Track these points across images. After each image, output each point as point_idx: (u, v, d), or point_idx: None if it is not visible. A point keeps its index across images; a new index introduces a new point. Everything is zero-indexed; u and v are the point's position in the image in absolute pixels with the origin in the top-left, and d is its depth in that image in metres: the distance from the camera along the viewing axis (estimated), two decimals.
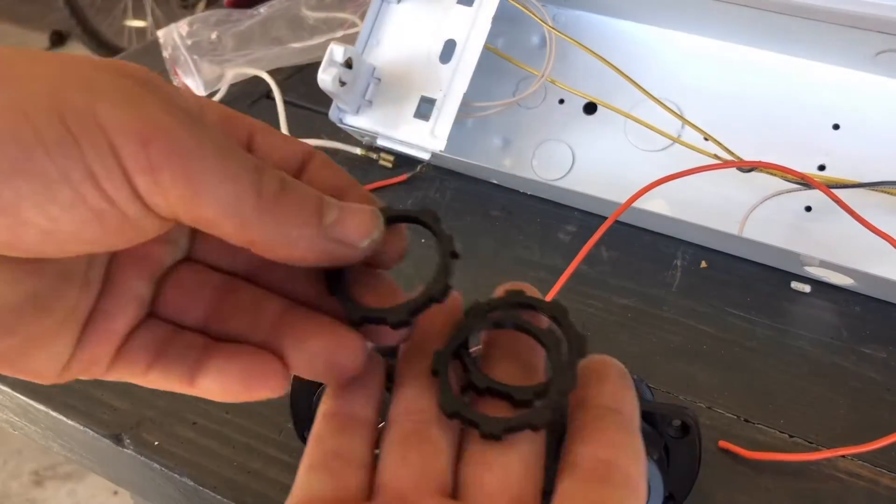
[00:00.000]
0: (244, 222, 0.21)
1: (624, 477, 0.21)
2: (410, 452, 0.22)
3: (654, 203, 0.56)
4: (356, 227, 0.23)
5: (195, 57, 0.69)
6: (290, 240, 0.22)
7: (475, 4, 0.57)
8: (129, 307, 0.24)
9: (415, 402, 0.23)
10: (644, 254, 0.55)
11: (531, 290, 0.25)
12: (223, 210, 0.20)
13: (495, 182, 0.61)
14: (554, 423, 0.22)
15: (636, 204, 0.48)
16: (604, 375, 0.23)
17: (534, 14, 0.57)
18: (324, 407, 0.24)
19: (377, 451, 0.23)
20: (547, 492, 0.21)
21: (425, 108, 0.57)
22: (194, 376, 0.23)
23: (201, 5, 2.44)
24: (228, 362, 0.23)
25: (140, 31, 2.59)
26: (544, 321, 0.24)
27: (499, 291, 0.25)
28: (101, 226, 0.20)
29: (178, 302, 0.25)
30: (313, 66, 0.59)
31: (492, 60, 0.59)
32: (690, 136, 0.54)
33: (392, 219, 0.24)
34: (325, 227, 0.22)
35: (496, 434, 0.22)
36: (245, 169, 0.21)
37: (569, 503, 0.20)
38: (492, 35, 0.56)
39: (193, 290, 0.25)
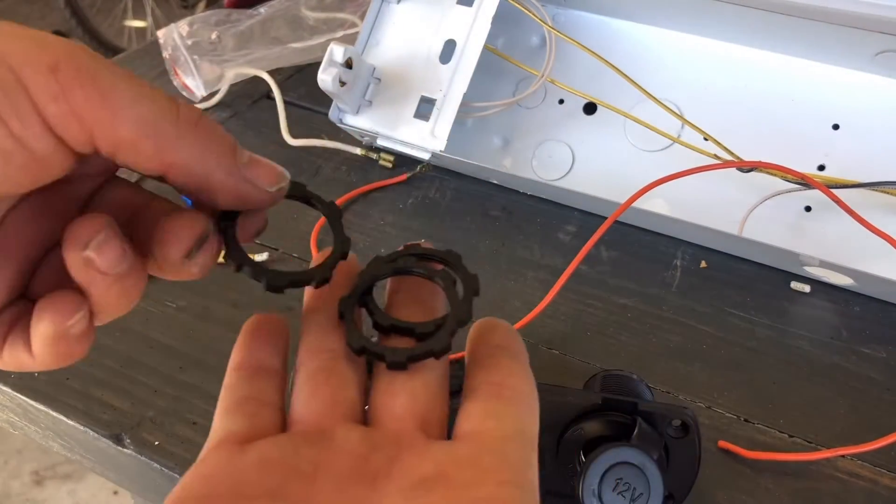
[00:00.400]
0: (163, 142, 0.21)
1: (514, 392, 0.23)
2: (320, 387, 0.23)
3: (654, 203, 0.56)
4: (267, 173, 0.23)
5: (195, 57, 0.69)
6: (208, 168, 0.22)
7: (475, 4, 0.57)
8: (10, 284, 0.23)
9: (322, 343, 0.24)
10: (644, 254, 0.55)
11: (427, 244, 0.27)
12: (142, 129, 0.20)
13: (495, 182, 0.61)
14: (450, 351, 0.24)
15: (636, 204, 0.48)
16: (494, 327, 0.26)
17: (534, 14, 0.57)
18: (232, 361, 0.25)
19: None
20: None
21: (425, 108, 0.57)
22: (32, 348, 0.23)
23: (201, 5, 2.44)
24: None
25: (140, 32, 2.59)
26: (439, 267, 0.26)
27: (399, 248, 0.27)
28: (6, 165, 0.20)
29: (47, 282, 0.24)
30: (313, 66, 0.59)
31: (492, 60, 0.59)
32: (690, 136, 0.54)
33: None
34: (239, 166, 0.23)
35: (401, 362, 0.23)
36: (160, 93, 0.21)
37: (469, 418, 0.22)
38: (492, 35, 0.56)
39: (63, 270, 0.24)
